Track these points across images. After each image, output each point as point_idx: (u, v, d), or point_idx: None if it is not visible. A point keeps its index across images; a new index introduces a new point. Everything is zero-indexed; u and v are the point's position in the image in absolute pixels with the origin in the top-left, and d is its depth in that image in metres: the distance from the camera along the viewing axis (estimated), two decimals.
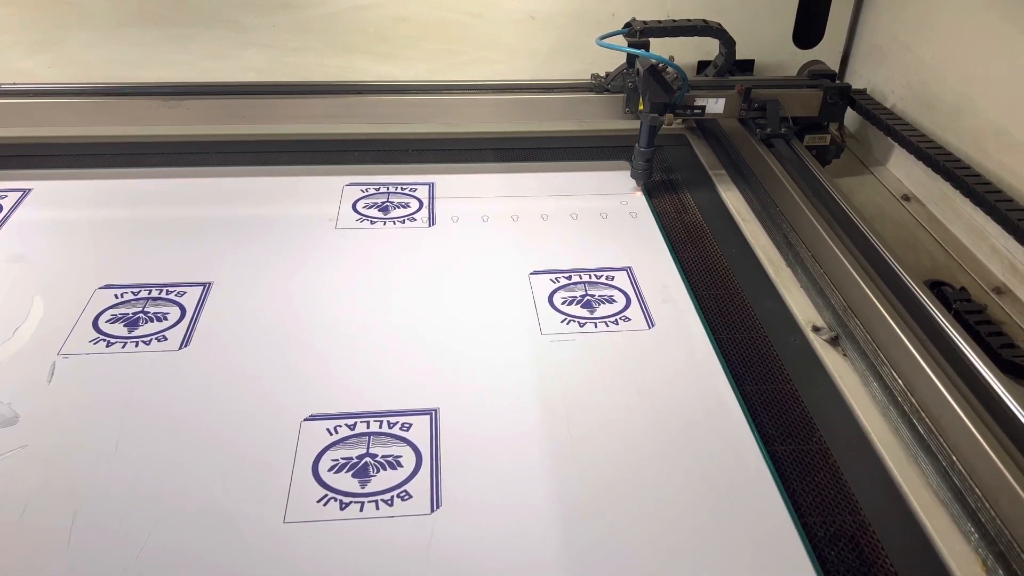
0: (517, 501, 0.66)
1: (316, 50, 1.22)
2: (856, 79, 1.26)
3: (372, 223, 1.03)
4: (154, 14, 1.19)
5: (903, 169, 1.14)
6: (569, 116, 1.15)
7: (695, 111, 1.09)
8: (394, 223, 1.03)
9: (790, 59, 1.26)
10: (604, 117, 1.14)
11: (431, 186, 1.12)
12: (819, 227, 0.90)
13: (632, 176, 1.12)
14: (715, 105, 1.08)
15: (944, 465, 0.67)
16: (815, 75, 1.14)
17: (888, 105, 1.15)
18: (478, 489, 0.67)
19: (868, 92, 1.20)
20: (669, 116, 1.09)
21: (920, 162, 1.02)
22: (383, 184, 1.12)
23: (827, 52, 1.26)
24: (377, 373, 0.79)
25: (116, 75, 1.21)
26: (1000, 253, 0.94)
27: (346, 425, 0.73)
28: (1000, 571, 0.59)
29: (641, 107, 1.05)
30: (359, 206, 1.07)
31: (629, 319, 0.87)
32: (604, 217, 1.06)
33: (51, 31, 1.18)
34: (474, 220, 1.04)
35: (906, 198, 1.11)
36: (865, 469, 0.70)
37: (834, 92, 1.10)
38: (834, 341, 0.84)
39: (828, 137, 1.12)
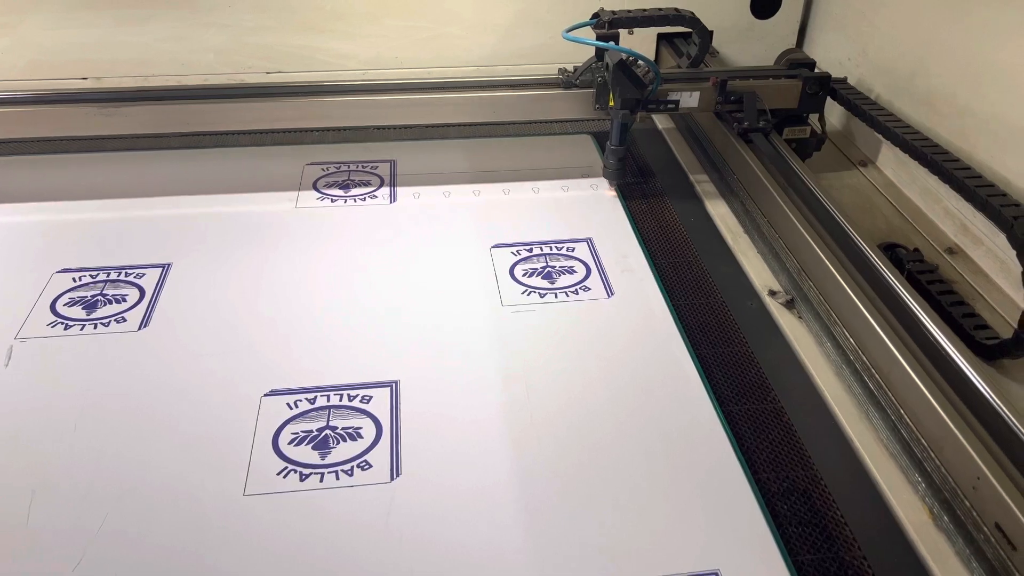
0: (477, 467, 0.67)
1: (275, 29, 1.21)
2: (814, 47, 1.27)
3: (333, 201, 1.03)
4: None
5: (861, 137, 1.16)
6: (537, 113, 1.11)
7: (669, 106, 1.02)
8: (355, 201, 1.03)
9: (748, 29, 1.26)
10: (573, 114, 1.09)
11: (393, 163, 1.12)
12: (775, 194, 0.91)
13: (604, 175, 1.07)
14: (689, 99, 1.02)
15: (893, 419, 0.69)
16: (793, 64, 1.07)
17: (844, 72, 1.16)
18: (438, 457, 0.68)
19: (833, 70, 1.21)
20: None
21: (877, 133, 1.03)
22: (344, 163, 1.11)
23: (785, 21, 1.27)
24: (338, 348, 0.79)
25: (70, 59, 1.19)
26: (952, 215, 0.96)
27: (306, 399, 0.73)
28: (945, 517, 0.61)
29: (612, 103, 1.00)
30: (320, 185, 1.06)
31: (589, 288, 0.88)
32: (566, 190, 1.07)
33: (5, 15, 1.17)
34: (436, 196, 1.05)
35: (863, 163, 1.13)
36: (818, 425, 0.72)
37: (813, 82, 1.03)
38: (789, 304, 0.85)
39: (808, 129, 1.06)
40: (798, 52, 1.11)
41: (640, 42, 1.26)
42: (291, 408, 0.72)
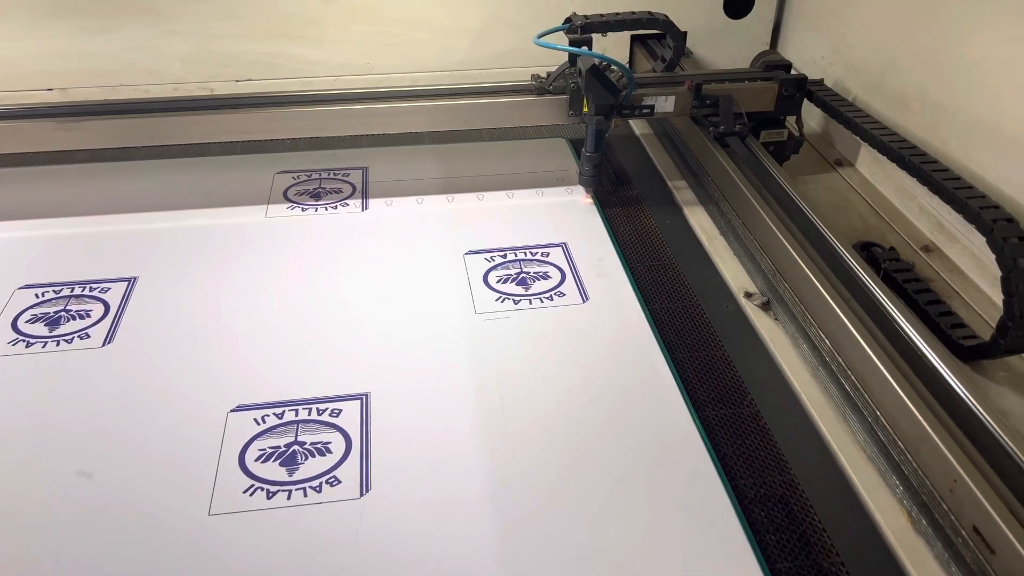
0: (450, 480, 0.65)
1: (243, 36, 1.19)
2: (788, 47, 1.27)
3: (304, 210, 1.01)
4: (72, 6, 1.15)
5: (839, 136, 1.15)
6: (510, 121, 1.08)
7: (644, 111, 1.00)
8: (326, 209, 1.02)
9: (722, 29, 1.26)
10: (547, 120, 1.06)
11: (365, 170, 1.10)
12: (750, 196, 0.90)
13: (580, 182, 1.05)
14: (665, 104, 1.00)
15: (870, 421, 0.68)
16: (769, 66, 1.05)
17: (818, 71, 1.16)
18: (410, 471, 0.66)
19: (806, 67, 1.20)
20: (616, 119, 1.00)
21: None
22: (315, 170, 1.10)
23: (758, 21, 1.27)
24: (308, 360, 0.78)
25: (34, 70, 1.17)
26: (928, 212, 0.95)
27: (274, 414, 0.71)
28: (923, 521, 0.60)
29: (586, 109, 0.98)
30: (290, 193, 1.05)
31: (564, 294, 0.87)
32: (540, 195, 1.06)
33: None
34: (408, 203, 1.03)
35: (838, 163, 1.12)
36: (795, 429, 0.71)
37: (790, 84, 1.02)
38: (765, 306, 0.84)
39: (785, 132, 1.04)
40: (774, 54, 1.10)
41: (614, 44, 1.25)
42: (258, 424, 0.71)
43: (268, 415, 0.71)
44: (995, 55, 0.85)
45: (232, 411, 0.72)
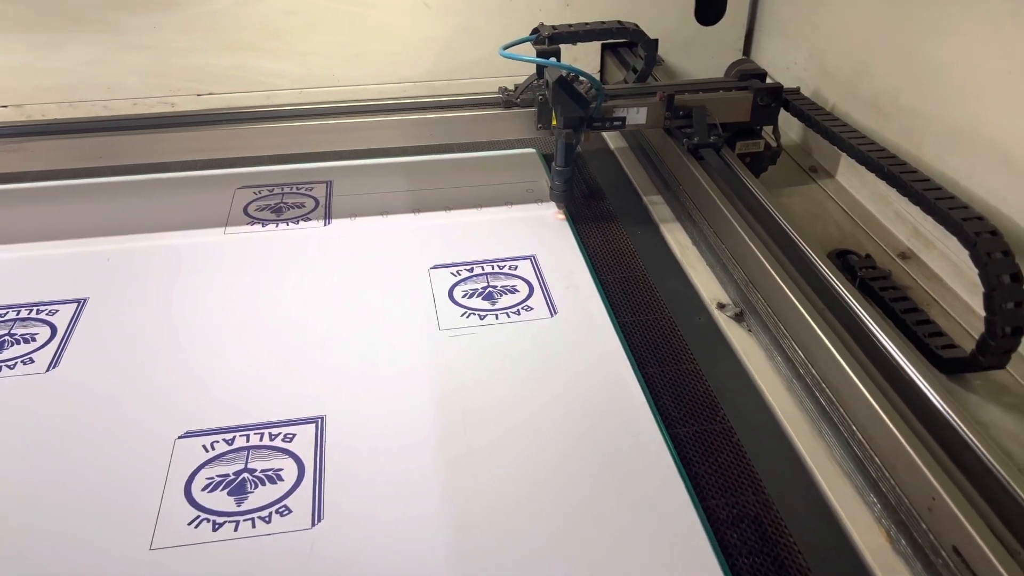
0: (407, 508, 0.62)
1: (204, 50, 1.16)
2: (761, 53, 1.25)
3: (264, 226, 0.98)
4: (26, 20, 1.12)
5: (815, 144, 1.13)
6: (477, 135, 1.03)
7: (615, 123, 0.97)
8: (287, 224, 0.99)
9: (693, 36, 1.24)
10: (515, 134, 1.02)
11: (329, 184, 1.07)
12: (722, 206, 0.87)
13: (552, 198, 1.01)
14: (636, 115, 0.97)
15: (846, 436, 0.65)
16: (744, 75, 1.02)
17: (791, 77, 1.14)
18: (365, 498, 0.63)
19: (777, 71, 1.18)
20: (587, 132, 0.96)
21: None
22: (277, 185, 1.07)
23: (730, 27, 1.25)
24: (262, 383, 0.74)
25: None
26: (904, 218, 0.93)
27: (224, 440, 0.68)
28: (903, 540, 0.57)
29: (555, 123, 0.95)
30: (251, 209, 1.02)
31: (531, 308, 0.84)
32: (509, 208, 1.03)
33: None
34: (373, 216, 1.00)
35: (813, 170, 1.10)
36: (769, 445, 0.68)
37: (765, 94, 0.98)
38: (739, 317, 0.82)
39: (761, 143, 1.01)
40: (748, 63, 1.07)
41: (584, 54, 1.23)
42: (207, 451, 0.67)
43: (218, 441, 0.68)
44: (968, 58, 0.83)
45: (180, 437, 0.68)
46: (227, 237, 0.96)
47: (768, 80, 1.03)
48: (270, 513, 0.61)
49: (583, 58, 1.24)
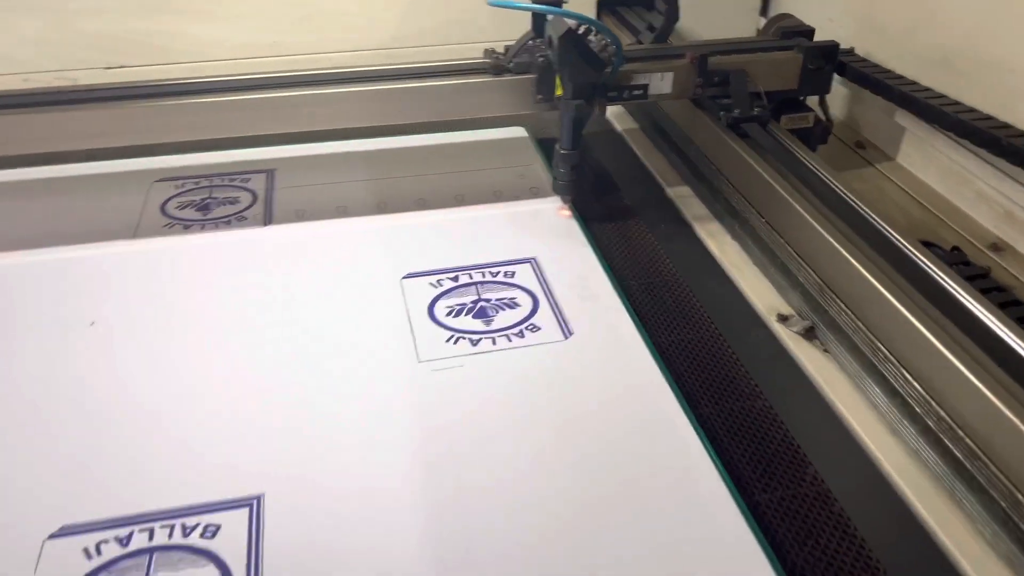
0: None
1: (115, 10, 0.96)
2: (786, 9, 1.06)
3: (186, 228, 0.77)
4: None
5: (860, 113, 0.95)
6: (457, 111, 0.83)
7: (635, 92, 0.78)
8: (216, 225, 0.78)
9: None
10: (507, 109, 0.82)
11: (270, 174, 0.87)
12: (784, 193, 0.68)
13: (555, 190, 0.81)
14: (660, 83, 0.79)
15: (999, 501, 0.46)
16: (787, 33, 0.84)
17: (827, 36, 0.96)
18: None
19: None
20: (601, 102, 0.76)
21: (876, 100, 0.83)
22: (205, 175, 0.86)
23: None
24: (173, 454, 0.53)
25: None
26: (991, 200, 0.75)
27: (115, 540, 0.47)
28: None
29: (559, 91, 0.76)
30: (170, 207, 0.80)
31: (538, 328, 0.64)
32: (498, 195, 0.83)
33: None
34: (327, 212, 0.80)
35: (860, 146, 0.92)
36: (883, 516, 0.49)
37: (816, 54, 0.81)
38: (809, 333, 0.63)
39: (810, 116, 0.83)
40: (791, 18, 0.87)
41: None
42: (90, 557, 0.46)
43: (107, 541, 0.47)
44: None
45: (51, 537, 0.48)
46: (136, 246, 0.74)
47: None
48: None
49: None
